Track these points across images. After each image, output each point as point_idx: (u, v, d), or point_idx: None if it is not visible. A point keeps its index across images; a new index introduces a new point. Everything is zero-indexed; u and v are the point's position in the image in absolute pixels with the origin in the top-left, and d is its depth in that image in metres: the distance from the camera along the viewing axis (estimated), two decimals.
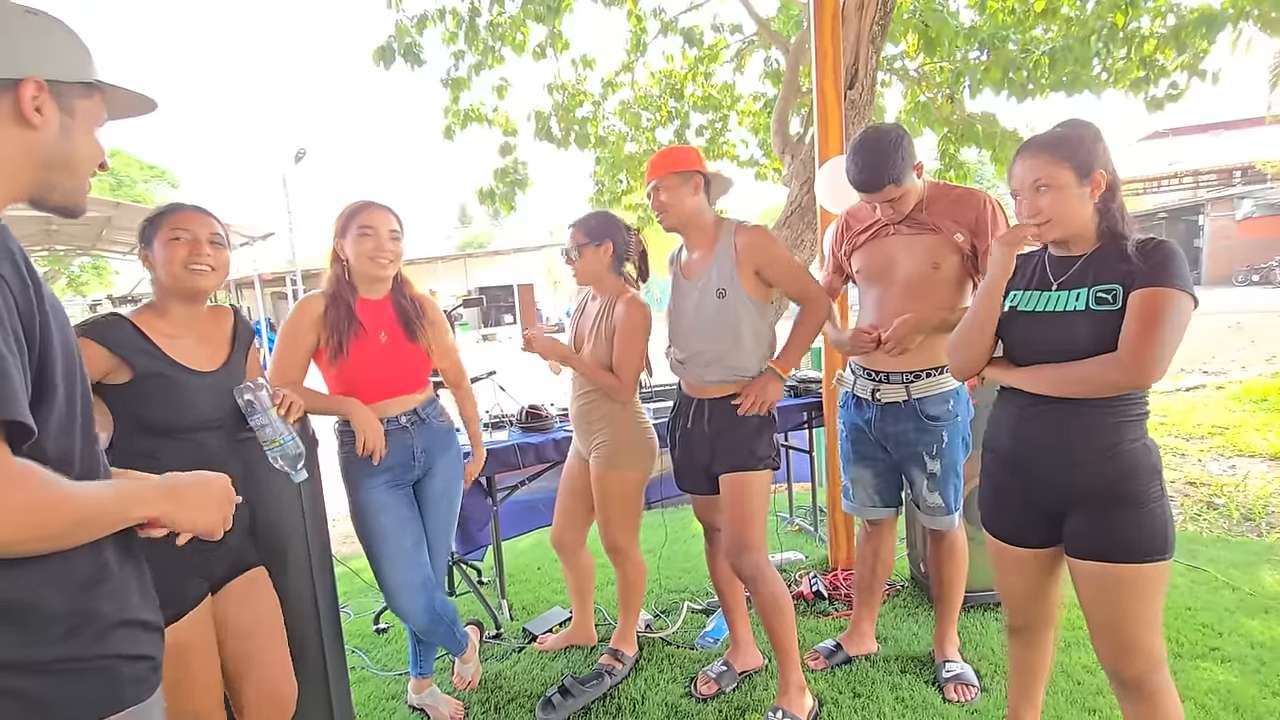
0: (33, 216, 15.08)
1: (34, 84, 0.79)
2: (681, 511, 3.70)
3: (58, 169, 0.84)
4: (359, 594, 3.16)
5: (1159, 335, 1.28)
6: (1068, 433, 1.41)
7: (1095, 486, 1.39)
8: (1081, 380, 1.36)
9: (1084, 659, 2.23)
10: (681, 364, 2.12)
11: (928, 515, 2.14)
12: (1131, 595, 1.37)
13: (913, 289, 2.00)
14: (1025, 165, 1.41)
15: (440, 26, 4.67)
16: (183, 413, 1.39)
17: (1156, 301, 1.29)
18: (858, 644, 2.36)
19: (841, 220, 2.25)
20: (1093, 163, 1.36)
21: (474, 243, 39.31)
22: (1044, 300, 1.44)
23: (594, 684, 2.23)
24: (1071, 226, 1.40)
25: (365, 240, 1.84)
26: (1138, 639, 1.38)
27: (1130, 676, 1.41)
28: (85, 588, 0.82)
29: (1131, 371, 1.30)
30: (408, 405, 1.96)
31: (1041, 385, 1.43)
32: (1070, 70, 4.25)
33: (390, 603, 1.99)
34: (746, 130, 6.43)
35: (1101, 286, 1.36)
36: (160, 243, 1.43)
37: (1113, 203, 1.39)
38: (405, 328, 1.93)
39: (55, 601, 0.79)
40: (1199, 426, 5.18)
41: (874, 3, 3.51)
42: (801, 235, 4.18)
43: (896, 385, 2.06)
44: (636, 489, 2.27)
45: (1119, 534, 1.36)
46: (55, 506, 0.73)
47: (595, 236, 2.17)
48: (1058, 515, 1.47)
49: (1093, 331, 1.35)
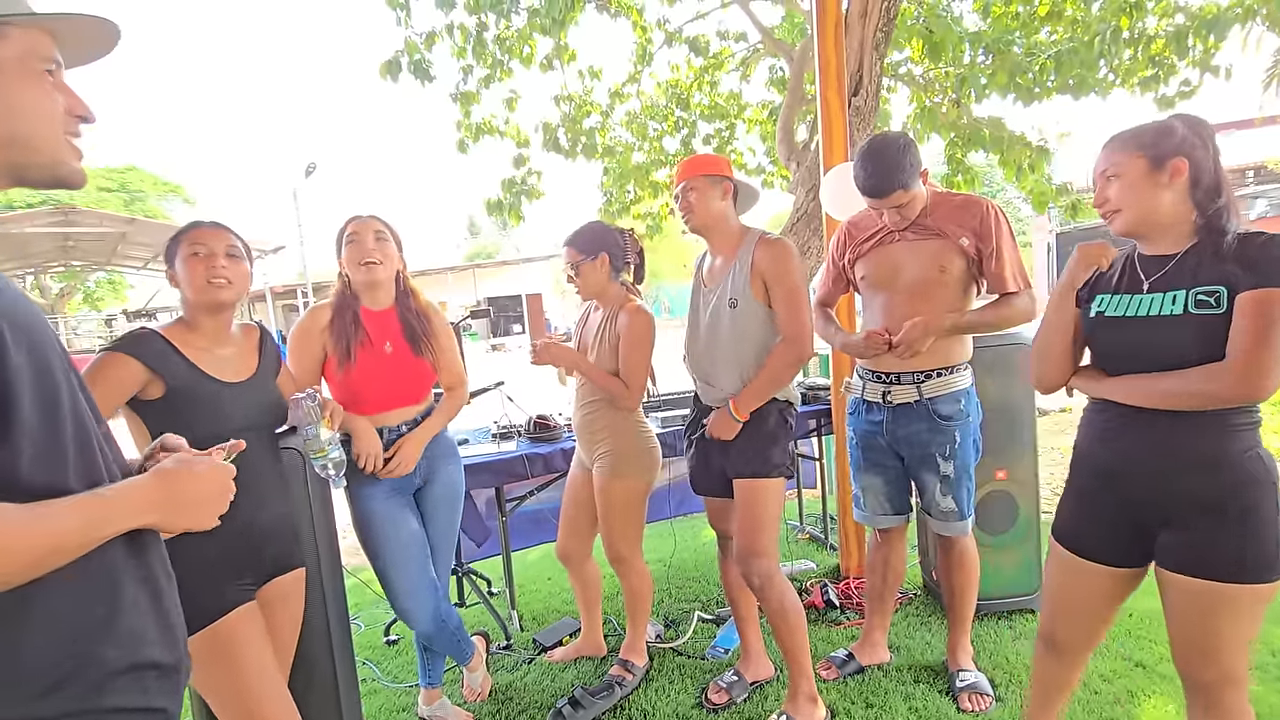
0: (49, 234, 15.35)
1: None
2: (691, 521, 3.68)
3: (6, 143, 0.66)
4: (370, 605, 3.16)
5: (1273, 342, 1.16)
6: (1168, 443, 1.29)
7: (1198, 500, 1.27)
8: (1184, 393, 1.25)
9: (1102, 667, 2.20)
10: (694, 370, 2.13)
11: (939, 521, 2.12)
12: (1226, 616, 1.25)
13: (919, 293, 2.00)
14: (1098, 157, 1.35)
15: (449, 41, 4.73)
16: (217, 423, 1.41)
17: (1270, 304, 1.17)
18: (870, 653, 2.34)
19: (843, 230, 2.25)
20: (1172, 149, 1.26)
21: (482, 253, 39.53)
22: (1134, 305, 1.32)
23: (604, 695, 2.22)
24: (1143, 215, 1.30)
25: (352, 247, 1.90)
26: (1221, 655, 1.28)
27: (1205, 684, 1.31)
28: (85, 627, 0.68)
29: (1243, 384, 1.18)
30: (409, 415, 1.98)
31: (1138, 398, 1.31)
32: (1076, 73, 4.23)
33: (396, 609, 2.01)
34: (755, 138, 6.44)
35: (1203, 288, 1.23)
36: (181, 260, 1.47)
37: (1215, 197, 1.27)
38: (410, 341, 1.95)
39: (40, 647, 0.64)
40: None
41: (877, 10, 3.51)
42: (808, 242, 4.18)
43: (908, 386, 2.05)
44: (640, 498, 2.26)
45: (1221, 550, 1.25)
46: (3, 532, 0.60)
47: (589, 250, 2.18)
48: (1149, 532, 1.35)
49: (1190, 338, 1.24)
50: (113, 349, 1.38)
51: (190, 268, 1.45)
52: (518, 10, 4.64)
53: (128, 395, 1.36)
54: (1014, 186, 5.52)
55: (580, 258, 2.18)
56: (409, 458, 1.93)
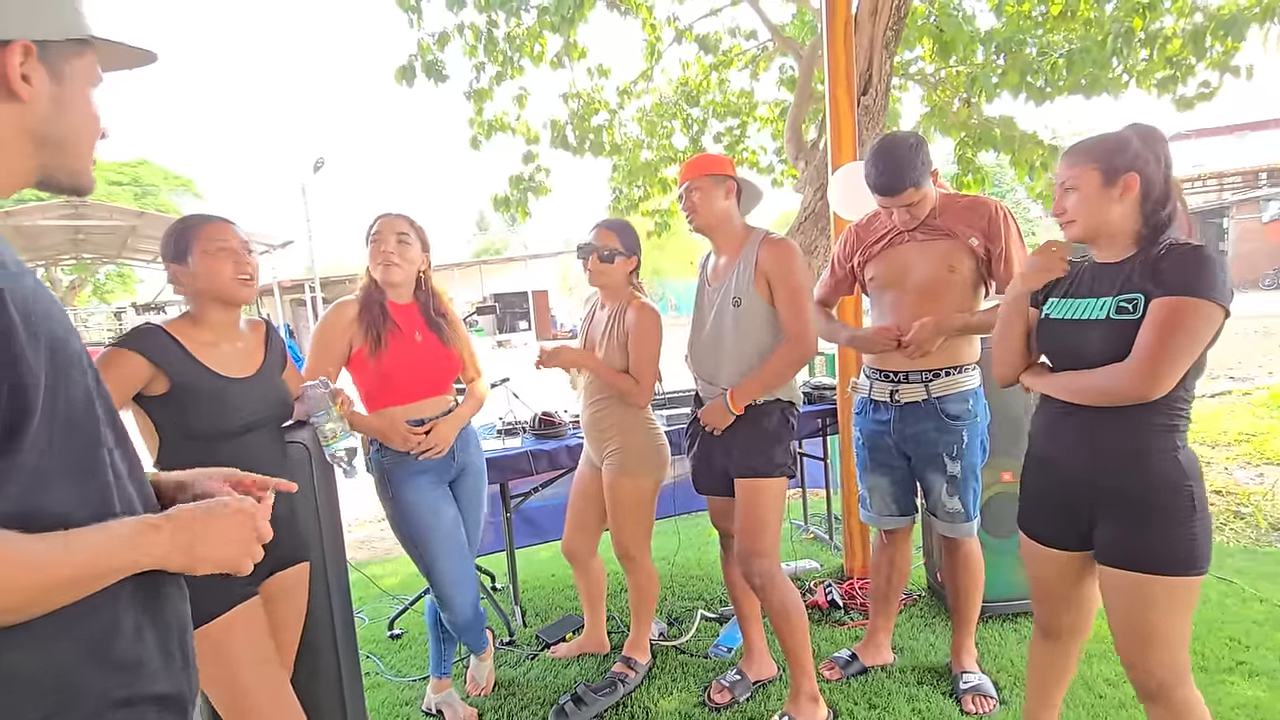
0: (60, 226, 15.45)
1: (21, 48, 0.65)
2: (695, 519, 3.68)
3: (55, 147, 0.71)
4: (374, 599, 3.18)
5: (1168, 346, 1.24)
6: (1094, 439, 1.39)
7: (1123, 495, 1.36)
8: (1089, 389, 1.37)
9: (1106, 671, 2.19)
10: (696, 369, 2.13)
11: (945, 522, 2.11)
12: (1156, 608, 1.33)
13: (928, 293, 2.00)
14: (1059, 166, 1.43)
15: (460, 40, 4.74)
16: (223, 418, 1.41)
17: (1170, 311, 1.25)
18: (874, 654, 2.34)
19: (850, 233, 2.24)
20: (1125, 165, 1.33)
21: (490, 249, 39.57)
22: (1072, 308, 1.43)
23: (607, 692, 2.22)
24: (1094, 227, 1.38)
25: (374, 245, 1.94)
26: (1159, 651, 1.35)
27: (1152, 688, 1.38)
28: (81, 656, 0.64)
29: (1137, 383, 1.27)
30: (441, 407, 2.01)
31: (1064, 392, 1.43)
32: (1089, 72, 4.20)
33: (442, 597, 2.03)
34: (766, 136, 6.43)
35: (1124, 295, 1.33)
36: (201, 255, 1.45)
37: (1159, 210, 1.34)
38: (437, 333, 2.01)
39: (36, 672, 0.62)
40: (1224, 434, 5.07)
41: (887, 8, 3.50)
42: (815, 241, 4.17)
43: (916, 385, 2.05)
44: (649, 496, 2.27)
45: (1146, 545, 1.33)
46: (8, 568, 0.57)
47: (630, 249, 2.20)
48: (1089, 520, 1.45)
49: (1106, 341, 1.33)
50: (117, 345, 1.38)
51: (216, 263, 1.45)
52: (527, 8, 4.65)
53: (133, 392, 1.37)
54: (1024, 187, 5.48)
55: (621, 250, 2.18)
56: (445, 437, 1.95)
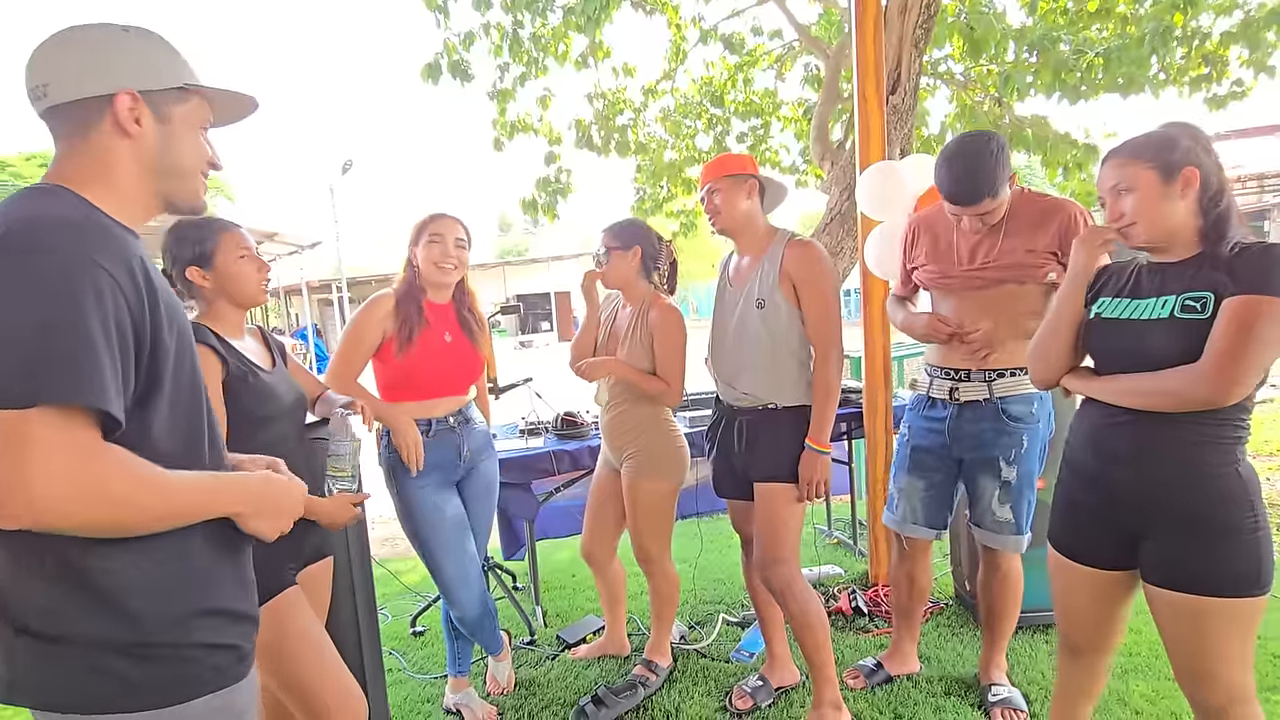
0: None
1: (128, 96, 0.84)
2: (717, 522, 3.65)
3: (167, 174, 0.89)
4: (396, 596, 3.20)
5: (1246, 348, 1.16)
6: (1149, 450, 1.31)
7: (1178, 512, 1.28)
8: (1157, 392, 1.27)
9: (1144, 688, 2.12)
10: (717, 371, 2.10)
11: (991, 532, 2.00)
12: (1216, 630, 1.25)
13: (994, 297, 1.91)
14: (1105, 171, 1.34)
15: (486, 41, 4.77)
16: (271, 404, 1.49)
17: (1248, 310, 1.17)
18: (899, 663, 2.29)
19: (915, 226, 2.12)
20: (1180, 160, 1.26)
21: (512, 250, 39.82)
22: (1129, 308, 1.34)
23: (628, 694, 2.21)
24: (1161, 228, 1.29)
25: (433, 246, 1.96)
26: (1219, 674, 1.27)
27: (1213, 708, 1.30)
28: (164, 575, 0.84)
29: (1212, 386, 1.19)
30: (454, 407, 2.03)
31: (1119, 396, 1.33)
32: (1126, 70, 4.10)
33: (447, 595, 2.06)
34: (790, 136, 6.37)
35: (1191, 294, 1.25)
36: (229, 259, 1.51)
37: (1218, 204, 1.27)
38: (468, 334, 2.05)
39: (136, 585, 0.82)
40: (1267, 443, 4.91)
41: (917, 5, 3.44)
42: (841, 242, 4.11)
43: (978, 384, 1.94)
44: (669, 499, 2.25)
45: (1203, 564, 1.26)
46: (141, 490, 0.76)
47: (624, 242, 2.19)
48: (1134, 537, 1.36)
49: (1173, 341, 1.25)
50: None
51: (245, 268, 1.53)
52: (553, 8, 4.66)
53: (219, 384, 1.40)
54: (1055, 188, 5.36)
55: (614, 244, 2.19)
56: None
